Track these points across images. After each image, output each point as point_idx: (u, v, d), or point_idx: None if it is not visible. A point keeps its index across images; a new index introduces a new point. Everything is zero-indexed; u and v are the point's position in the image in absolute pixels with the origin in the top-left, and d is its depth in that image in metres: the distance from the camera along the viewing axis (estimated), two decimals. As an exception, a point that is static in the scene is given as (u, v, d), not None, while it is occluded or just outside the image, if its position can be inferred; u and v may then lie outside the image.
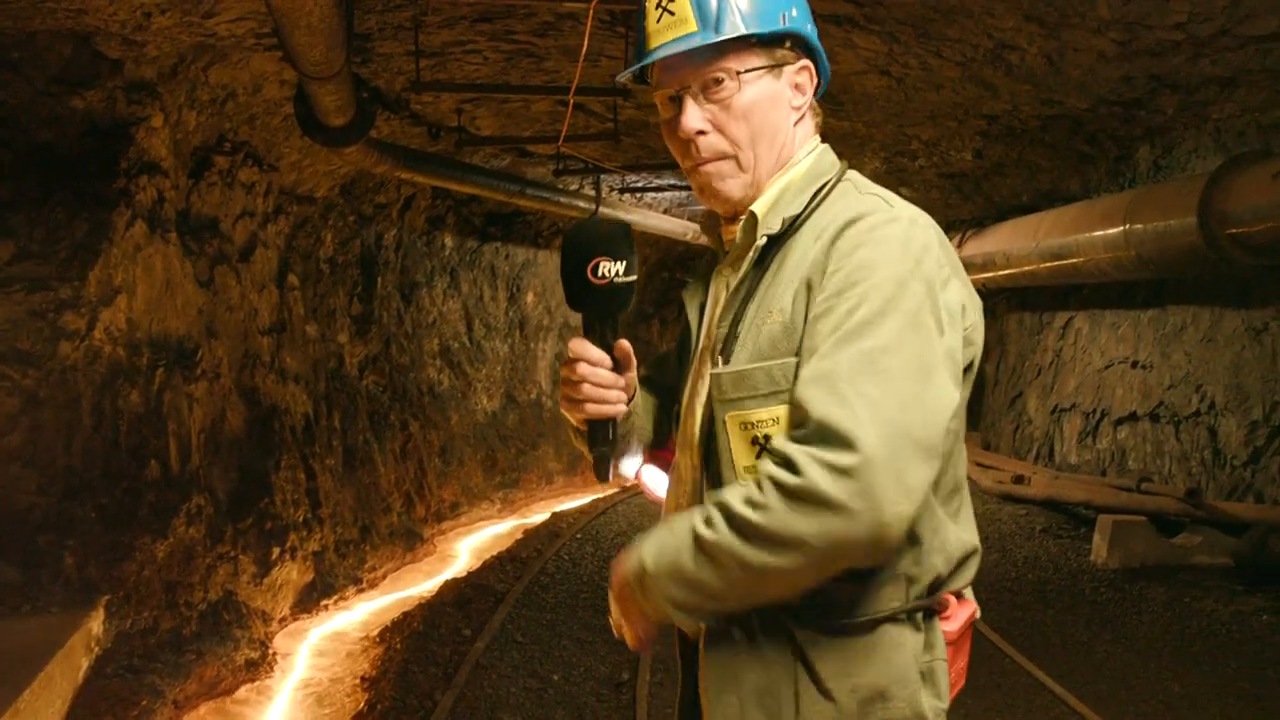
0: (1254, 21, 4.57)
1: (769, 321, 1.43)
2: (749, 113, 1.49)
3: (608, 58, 6.32)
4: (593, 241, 1.44)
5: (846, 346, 1.30)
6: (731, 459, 1.44)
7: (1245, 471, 6.81)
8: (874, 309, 1.31)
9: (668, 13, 1.48)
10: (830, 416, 1.25)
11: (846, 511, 1.22)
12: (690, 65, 1.48)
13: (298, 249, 7.65)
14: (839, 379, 1.28)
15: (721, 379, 1.44)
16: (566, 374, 1.50)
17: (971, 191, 9.42)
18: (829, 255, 1.39)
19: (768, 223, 1.51)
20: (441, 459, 10.14)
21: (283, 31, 4.02)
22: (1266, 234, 5.56)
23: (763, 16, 1.48)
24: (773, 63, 1.50)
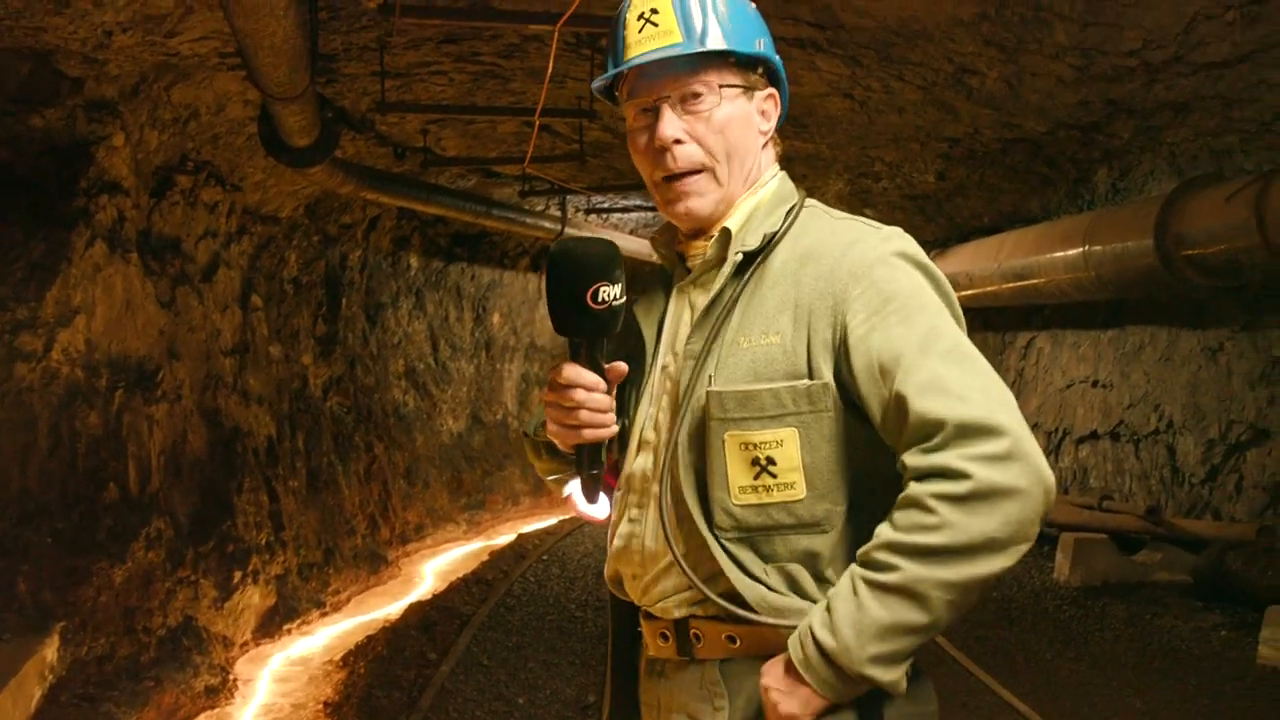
0: (1205, 49, 4.67)
1: (764, 342, 1.44)
2: (726, 127, 1.51)
3: (573, 79, 6.35)
4: (592, 266, 1.42)
5: (929, 353, 1.34)
6: (726, 478, 1.44)
7: (1203, 489, 6.91)
8: (929, 315, 1.37)
9: (650, 24, 1.50)
10: (964, 415, 1.28)
11: (1020, 492, 1.26)
12: (670, 75, 1.50)
13: (261, 269, 7.59)
14: (947, 381, 1.31)
15: (724, 398, 1.44)
16: (556, 399, 1.47)
17: (934, 213, 9.54)
18: (834, 281, 1.42)
19: (743, 239, 1.52)
20: (406, 480, 10.06)
21: (246, 52, 4.01)
22: (1220, 256, 5.67)
23: (742, 37, 1.51)
24: (747, 84, 1.53)
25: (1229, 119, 5.56)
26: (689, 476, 1.47)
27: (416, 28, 5.26)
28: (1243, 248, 5.41)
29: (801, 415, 1.41)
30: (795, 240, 1.50)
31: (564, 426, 1.48)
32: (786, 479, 1.42)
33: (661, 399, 1.56)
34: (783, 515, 1.42)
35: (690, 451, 1.47)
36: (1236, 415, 6.60)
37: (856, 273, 1.41)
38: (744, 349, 1.45)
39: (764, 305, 1.47)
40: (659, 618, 1.51)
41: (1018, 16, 4.72)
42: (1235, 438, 6.62)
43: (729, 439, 1.43)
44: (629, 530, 1.55)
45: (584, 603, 7.04)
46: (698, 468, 1.47)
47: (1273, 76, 4.83)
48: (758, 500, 1.42)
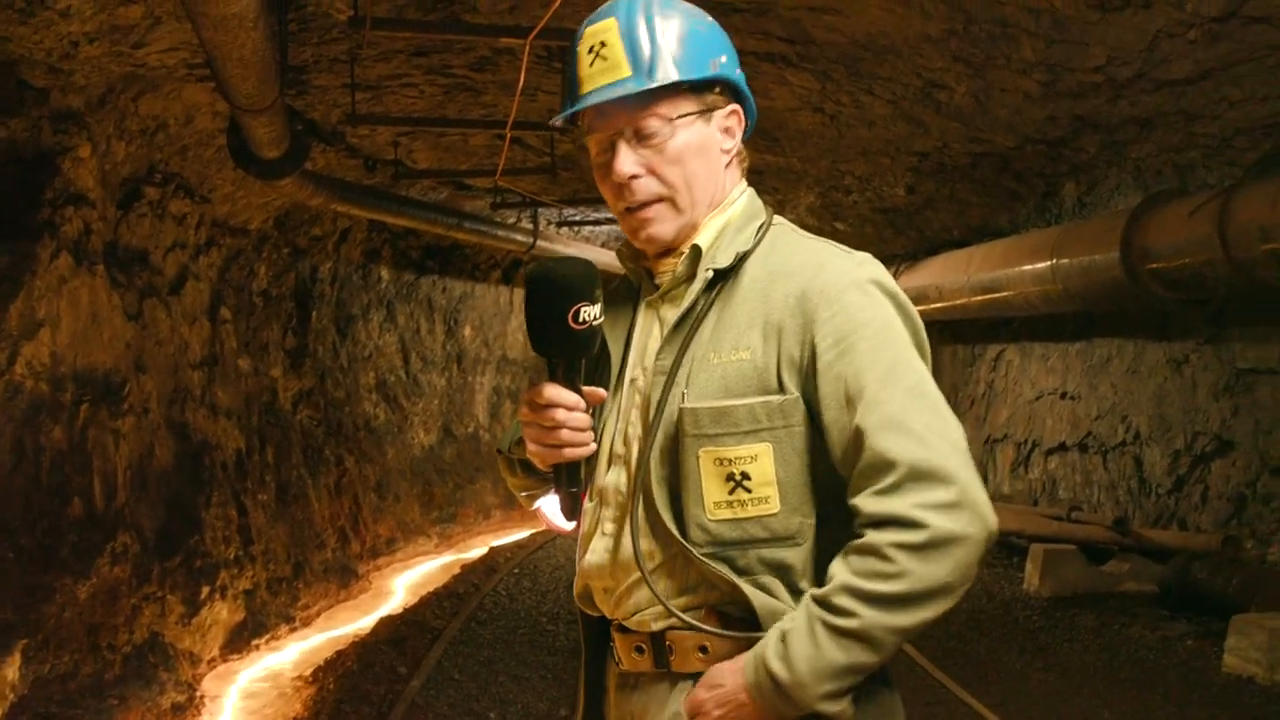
0: (1168, 66, 4.75)
1: (734, 358, 1.45)
2: (682, 157, 1.50)
3: (545, 92, 6.36)
4: (574, 286, 1.43)
5: (893, 388, 1.37)
6: (701, 494, 1.44)
7: (1169, 499, 6.99)
8: (895, 349, 1.40)
9: (600, 58, 1.49)
10: (919, 458, 1.32)
11: (969, 539, 1.31)
12: (623, 110, 1.49)
13: (230, 282, 7.54)
14: (908, 420, 1.35)
15: (698, 414, 1.44)
16: (535, 419, 1.48)
17: (904, 226, 9.62)
18: (804, 300, 1.43)
19: (714, 257, 1.52)
20: (377, 494, 10.00)
21: (215, 64, 3.99)
22: (1184, 269, 5.75)
23: (694, 63, 1.49)
24: (703, 108, 1.52)
25: (1191, 134, 5.65)
26: (662, 491, 1.47)
27: (387, 40, 5.25)
28: (1206, 261, 5.49)
29: (775, 430, 1.43)
30: (765, 257, 1.52)
31: (543, 446, 1.49)
32: (761, 493, 1.43)
33: (630, 413, 1.56)
34: (758, 529, 1.43)
35: (663, 466, 1.48)
36: (1201, 426, 6.69)
37: (829, 295, 1.43)
38: (715, 365, 1.46)
39: (734, 321, 1.48)
40: (635, 631, 1.51)
41: (985, 33, 4.78)
42: (1200, 449, 6.71)
43: (704, 455, 1.44)
44: (602, 544, 1.54)
45: (555, 616, 7.02)
46: (671, 483, 1.47)
47: (1233, 94, 4.92)
48: (733, 515, 1.43)
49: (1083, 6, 4.30)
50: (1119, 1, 4.19)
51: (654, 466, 1.48)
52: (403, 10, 4.86)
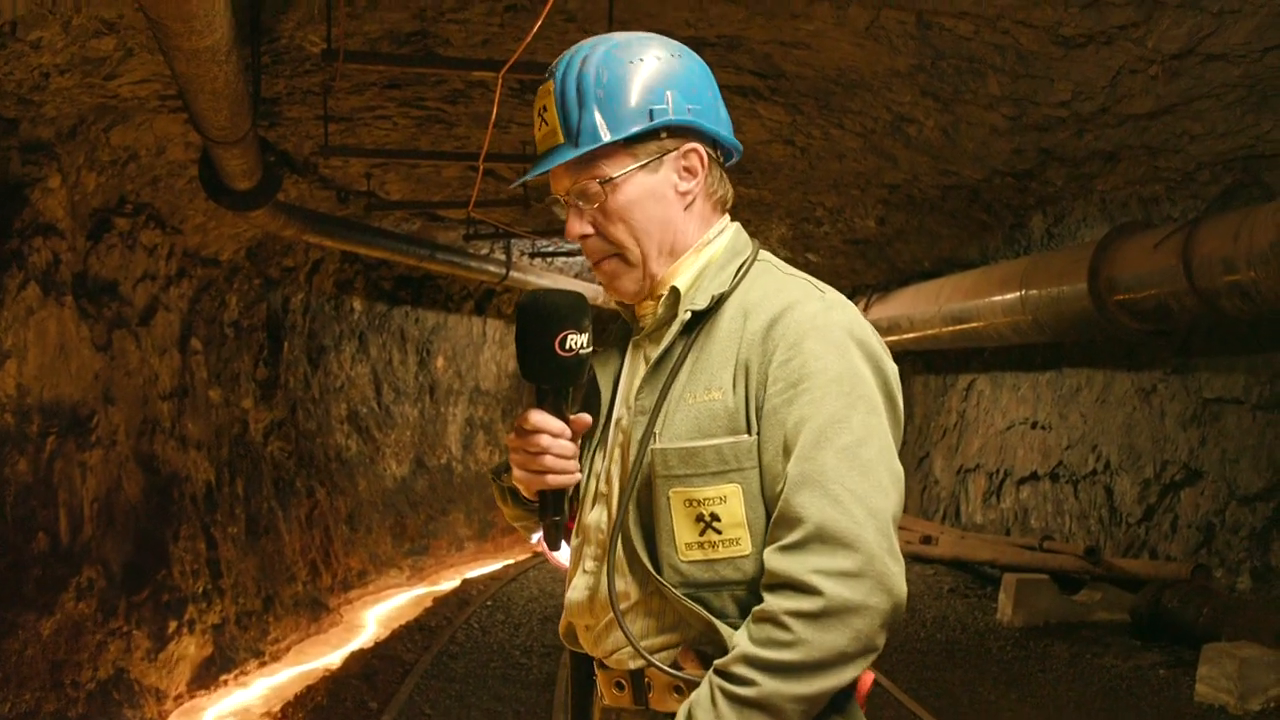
0: (1130, 102, 4.84)
1: (706, 398, 1.45)
2: (626, 213, 1.50)
3: (518, 124, 6.40)
4: (561, 314, 1.44)
5: (825, 445, 1.36)
6: (673, 534, 1.45)
7: (1140, 529, 7.05)
8: (841, 403, 1.38)
9: (544, 121, 1.51)
10: (828, 520, 1.31)
11: (868, 608, 1.30)
12: (567, 174, 1.51)
13: (201, 312, 7.49)
14: (828, 479, 1.34)
15: (668, 455, 1.45)
16: (521, 445, 1.48)
17: (875, 257, 9.71)
18: (768, 339, 1.43)
19: (692, 299, 1.53)
20: (349, 526, 9.92)
21: (187, 96, 4.00)
22: (1150, 300, 5.83)
23: (626, 119, 1.47)
24: (647, 158, 1.50)
25: (1155, 168, 5.75)
26: (639, 532, 1.48)
27: (360, 73, 5.28)
28: (1171, 292, 5.58)
29: (744, 471, 1.42)
30: (744, 295, 1.51)
31: (528, 472, 1.49)
32: (731, 534, 1.42)
33: (614, 452, 1.57)
34: (730, 570, 1.43)
35: (639, 509, 1.48)
36: (1170, 456, 6.77)
37: (788, 338, 1.42)
38: (689, 405, 1.47)
39: (710, 361, 1.48)
40: (613, 668, 1.52)
41: (952, 68, 4.86)
42: (1169, 478, 6.78)
43: (674, 496, 1.44)
44: (583, 582, 1.55)
45: (529, 649, 6.97)
46: (645, 524, 1.48)
47: (1194, 128, 5.02)
48: (704, 556, 1.43)
49: (1047, 43, 4.39)
50: (1081, 38, 4.28)
51: (631, 507, 1.48)
52: (376, 44, 4.89)
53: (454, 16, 4.68)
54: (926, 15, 4.31)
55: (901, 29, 4.48)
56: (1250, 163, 5.25)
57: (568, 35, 4.80)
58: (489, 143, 5.72)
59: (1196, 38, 4.08)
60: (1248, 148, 5.08)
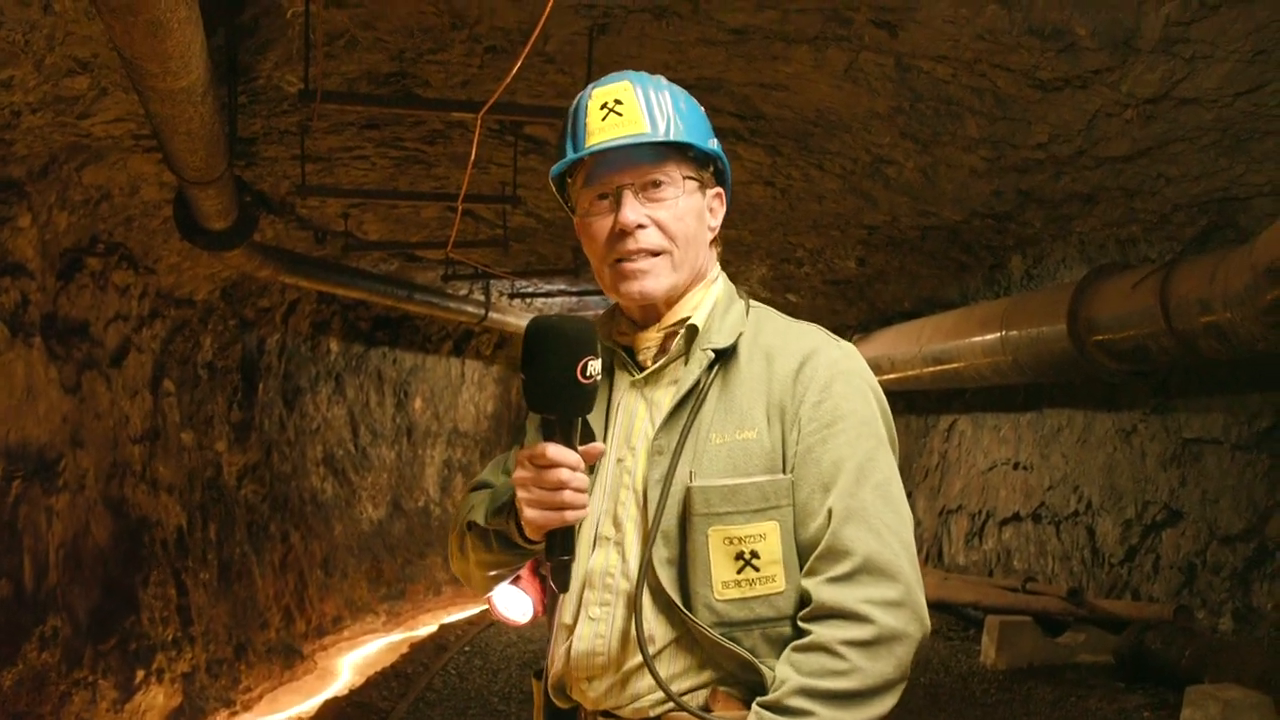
0: (1107, 144, 4.90)
1: (740, 437, 1.49)
2: (684, 216, 1.55)
3: (497, 165, 6.41)
4: (584, 339, 1.42)
5: (864, 482, 1.45)
6: (709, 573, 1.46)
7: (1122, 569, 7.04)
8: (872, 443, 1.48)
9: (615, 114, 1.53)
10: (875, 553, 1.40)
11: (909, 636, 1.39)
12: (632, 164, 1.53)
13: (174, 353, 7.43)
14: (870, 515, 1.43)
15: (709, 493, 1.46)
16: (536, 480, 1.43)
17: (856, 297, 9.75)
18: (798, 382, 1.50)
19: (710, 337, 1.55)
20: (324, 570, 9.80)
21: (162, 136, 3.98)
22: (1129, 341, 5.86)
23: (701, 134, 1.58)
24: (702, 180, 1.59)
25: (1132, 210, 5.81)
26: (669, 572, 1.48)
27: (338, 112, 5.28)
28: (1149, 333, 5.61)
29: (781, 509, 1.46)
30: (754, 338, 1.57)
31: (544, 510, 1.44)
32: (769, 572, 1.45)
33: (619, 493, 1.55)
34: (764, 608, 1.45)
35: (668, 548, 1.48)
36: (1151, 496, 6.77)
37: (818, 380, 1.50)
38: (719, 445, 1.49)
39: (736, 401, 1.51)
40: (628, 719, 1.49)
41: (931, 110, 4.91)
42: (1151, 518, 6.78)
43: (713, 534, 1.46)
44: (591, 630, 1.52)
45: (507, 695, 6.87)
46: (677, 564, 1.48)
47: (1170, 171, 5.08)
48: (740, 595, 1.45)
49: (1024, 86, 4.44)
50: (1058, 82, 4.33)
51: (658, 548, 1.48)
52: (354, 84, 4.89)
53: (433, 58, 4.69)
54: (905, 58, 4.36)
55: (880, 71, 4.53)
56: (1225, 205, 5.31)
57: (547, 76, 4.82)
58: (468, 183, 5.72)
59: (1170, 82, 4.13)
60: (1222, 190, 5.14)
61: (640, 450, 1.54)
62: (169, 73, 3.21)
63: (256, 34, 4.34)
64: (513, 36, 4.39)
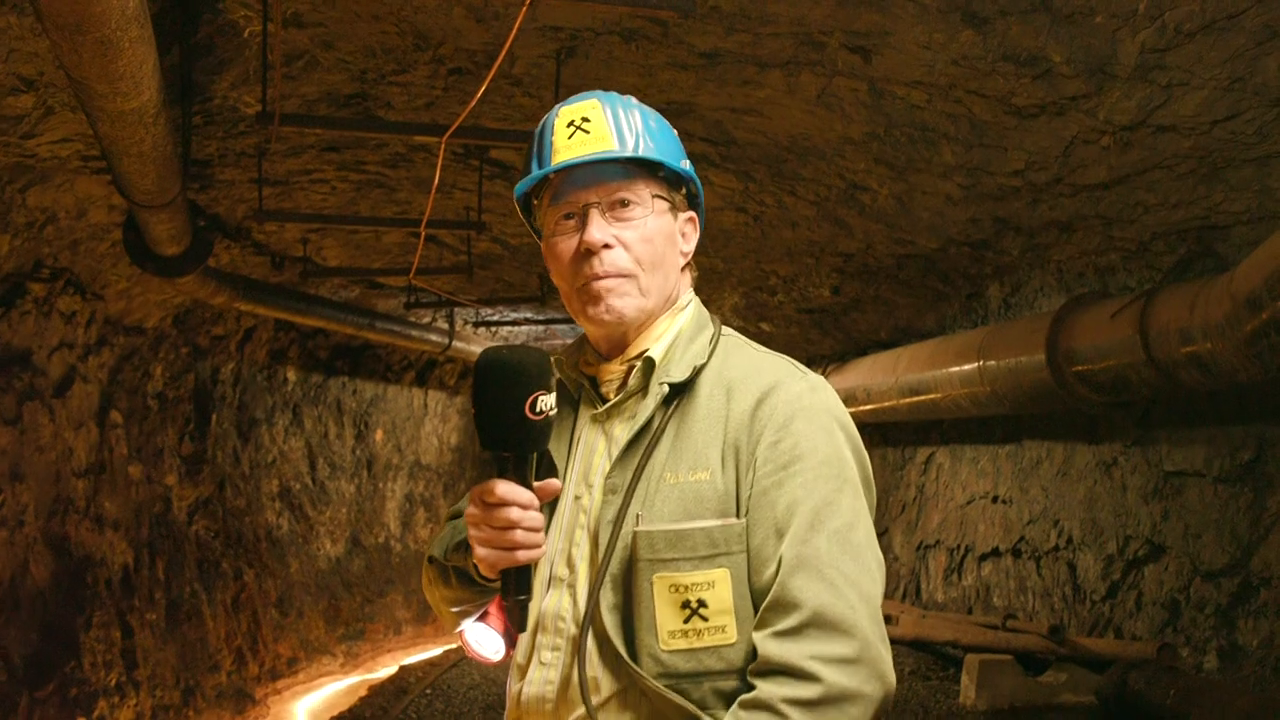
0: (1084, 172, 4.97)
1: (693, 479, 1.45)
2: (653, 238, 1.54)
3: (462, 190, 6.41)
4: (531, 373, 1.40)
5: (820, 529, 1.39)
6: (655, 622, 1.42)
7: (1104, 606, 7.07)
8: (831, 486, 1.42)
9: (582, 131, 1.52)
10: (826, 606, 1.34)
11: (864, 697, 1.32)
12: (600, 182, 1.52)
13: (122, 383, 7.33)
14: (824, 564, 1.36)
15: (654, 538, 1.42)
16: (485, 519, 1.41)
17: (831, 327, 9.80)
18: (755, 419, 1.45)
19: (667, 370, 1.52)
20: (278, 610, 9.66)
21: (111, 158, 3.94)
22: (1108, 372, 5.92)
23: (672, 153, 1.56)
24: (673, 201, 1.58)
25: (1110, 238, 5.88)
26: (614, 619, 1.45)
27: (297, 135, 5.26)
28: (1129, 364, 5.66)
29: (732, 555, 1.42)
30: (718, 370, 1.53)
31: (494, 549, 1.42)
32: (718, 621, 1.41)
33: (574, 533, 1.53)
34: (713, 660, 1.41)
35: (615, 593, 1.45)
36: (1133, 530, 6.82)
37: (776, 418, 1.45)
38: (672, 485, 1.46)
39: (692, 440, 1.48)
40: None
41: (906, 136, 4.95)
42: (1133, 553, 6.82)
43: (658, 581, 1.42)
44: (541, 675, 1.50)
45: (469, 743, 6.79)
46: (624, 610, 1.45)
47: (1148, 199, 5.15)
48: (688, 645, 1.41)
49: (1000, 113, 4.49)
50: (1034, 109, 4.39)
51: (605, 592, 1.45)
52: (314, 105, 4.88)
53: (396, 79, 4.69)
54: (878, 83, 4.40)
55: (854, 97, 4.57)
56: (1204, 233, 5.39)
57: (513, 99, 4.83)
58: (431, 208, 5.71)
59: (1147, 109, 4.20)
60: (1201, 218, 5.22)
61: (597, 488, 1.52)
62: (119, 94, 3.18)
63: (212, 53, 4.32)
64: (478, 58, 4.40)
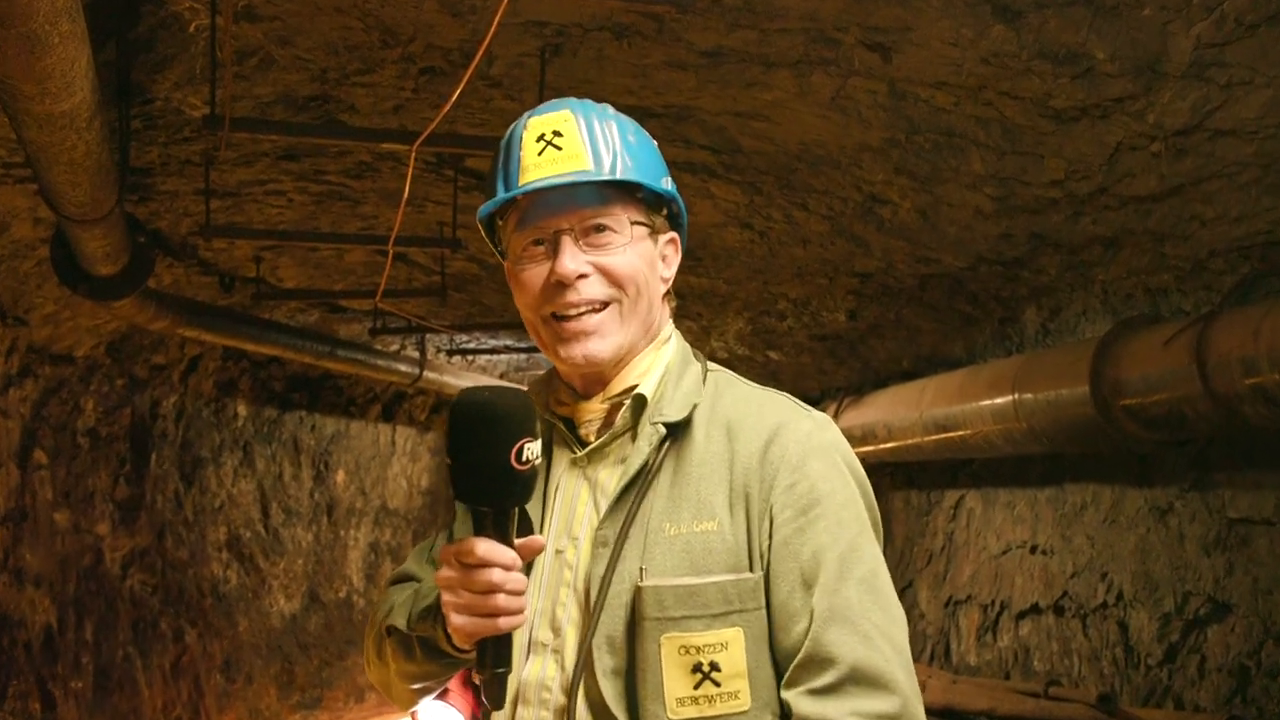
0: (1131, 182, 4.97)
1: (699, 529, 1.46)
2: (635, 268, 1.55)
3: (433, 203, 6.41)
4: (517, 418, 1.39)
5: (848, 578, 1.43)
6: (662, 688, 1.42)
7: (1161, 672, 7.02)
8: (854, 530, 1.47)
9: (553, 147, 1.53)
10: (864, 661, 1.37)
11: None
12: (573, 206, 1.53)
13: (48, 419, 7.31)
14: (856, 616, 1.40)
15: (662, 594, 1.43)
16: (463, 583, 1.39)
17: (846, 355, 9.79)
18: (765, 462, 1.48)
19: (660, 409, 1.53)
20: (224, 675, 9.62)
21: (38, 166, 3.93)
22: (1161, 406, 5.90)
23: (653, 172, 1.58)
24: (653, 225, 1.59)
25: (1162, 255, 5.88)
26: (613, 686, 1.45)
27: (250, 141, 5.26)
28: (1184, 397, 5.65)
29: (747, 613, 1.44)
30: (712, 409, 1.55)
31: (473, 616, 1.40)
32: (731, 687, 1.42)
33: (559, 591, 1.53)
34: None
35: (613, 656, 1.45)
36: (1193, 586, 6.78)
37: (789, 460, 1.47)
38: (674, 537, 1.46)
39: (692, 486, 1.49)
40: None
41: (930, 143, 4.96)
42: (1193, 612, 6.78)
43: (665, 642, 1.42)
44: None
45: (441, 828, 6.71)
46: (625, 675, 1.45)
47: (1205, 212, 5.15)
48: (698, 713, 1.42)
49: (1035, 116, 4.50)
50: (1074, 112, 4.40)
51: (601, 656, 1.45)
52: (268, 108, 4.88)
53: (360, 79, 4.69)
54: (899, 84, 4.41)
55: (872, 99, 4.58)
56: (1270, 250, 5.39)
57: (492, 103, 4.84)
58: (400, 223, 5.70)
59: (1203, 112, 4.20)
60: (1266, 233, 5.22)
61: (584, 541, 1.52)
62: (48, 94, 3.16)
63: (154, 49, 4.32)
64: (453, 57, 4.40)
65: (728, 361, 10.10)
